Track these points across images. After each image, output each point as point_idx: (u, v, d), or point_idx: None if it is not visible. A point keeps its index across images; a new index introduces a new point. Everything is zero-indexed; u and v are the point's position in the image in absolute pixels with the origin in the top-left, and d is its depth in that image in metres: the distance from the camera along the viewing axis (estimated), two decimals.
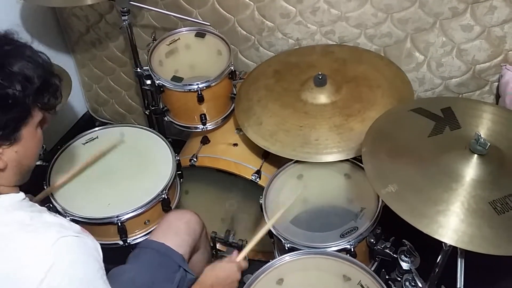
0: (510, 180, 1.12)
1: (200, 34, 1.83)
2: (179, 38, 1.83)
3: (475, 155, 1.12)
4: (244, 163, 1.68)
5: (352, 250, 1.35)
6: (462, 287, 1.12)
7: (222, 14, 1.90)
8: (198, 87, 1.66)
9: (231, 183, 1.75)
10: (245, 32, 1.92)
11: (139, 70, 1.89)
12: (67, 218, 1.47)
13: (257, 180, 1.63)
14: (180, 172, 1.69)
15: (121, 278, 1.28)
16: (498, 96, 1.76)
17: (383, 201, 1.39)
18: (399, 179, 1.15)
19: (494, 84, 1.76)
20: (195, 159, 1.72)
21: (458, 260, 1.12)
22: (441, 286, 1.30)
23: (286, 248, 1.38)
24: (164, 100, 1.80)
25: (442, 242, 1.05)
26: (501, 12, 1.59)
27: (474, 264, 1.13)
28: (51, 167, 1.61)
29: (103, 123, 2.48)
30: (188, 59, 1.86)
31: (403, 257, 1.33)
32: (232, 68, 1.73)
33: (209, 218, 1.67)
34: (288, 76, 1.70)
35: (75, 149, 1.68)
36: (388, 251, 1.38)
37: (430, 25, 1.68)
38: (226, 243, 1.80)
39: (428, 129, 1.26)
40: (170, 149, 1.65)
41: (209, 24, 1.82)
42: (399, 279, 1.37)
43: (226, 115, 1.81)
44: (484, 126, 1.26)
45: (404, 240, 1.33)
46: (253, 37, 1.93)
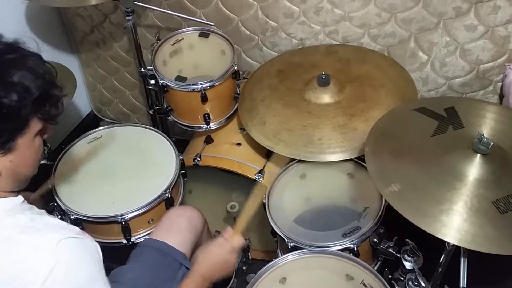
0: None
1: (204, 34, 1.84)
2: (183, 38, 1.84)
3: (478, 155, 1.12)
4: (248, 163, 1.69)
5: (355, 249, 1.36)
6: (465, 286, 1.12)
7: (226, 14, 1.90)
8: (202, 86, 1.67)
9: (235, 183, 1.75)
10: (248, 32, 1.93)
11: (143, 70, 1.89)
12: (72, 217, 1.49)
13: (260, 179, 1.63)
14: (184, 171, 1.69)
15: (123, 278, 1.28)
16: (502, 96, 1.75)
17: (386, 201, 1.39)
18: (402, 178, 1.15)
19: (498, 84, 1.75)
20: (199, 159, 1.72)
21: (461, 259, 1.12)
22: (444, 286, 1.30)
23: (289, 247, 1.38)
24: (168, 100, 1.80)
25: (445, 241, 1.05)
26: (505, 11, 1.58)
27: (477, 264, 1.13)
28: (56, 166, 1.62)
29: (107, 123, 2.49)
30: (192, 59, 1.86)
31: (406, 256, 1.33)
32: (235, 68, 1.73)
33: (212, 217, 1.68)
34: (292, 76, 1.70)
35: (79, 148, 1.69)
36: (391, 251, 1.38)
37: (434, 25, 1.68)
38: None
39: (431, 128, 1.26)
40: (173, 149, 1.66)
41: (212, 24, 1.83)
42: (402, 278, 1.36)
43: (229, 114, 1.81)
44: (487, 126, 1.25)
45: (407, 240, 1.33)
46: (257, 37, 1.93)
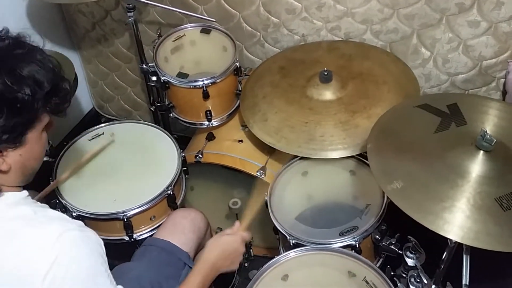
0: None
1: (206, 30, 1.83)
2: (184, 35, 1.83)
3: (481, 151, 1.12)
4: (249, 160, 1.69)
5: (357, 246, 1.35)
6: (467, 283, 1.12)
7: (228, 10, 1.89)
8: (204, 83, 1.66)
9: (236, 180, 1.75)
10: (250, 28, 1.92)
11: (144, 66, 1.89)
12: (74, 214, 1.49)
13: (262, 176, 1.63)
14: (186, 168, 1.69)
15: (127, 275, 1.28)
16: (504, 93, 1.75)
17: (388, 198, 1.39)
18: (405, 175, 1.14)
19: (500, 80, 1.75)
20: (201, 156, 1.72)
21: (464, 256, 1.12)
22: (446, 283, 1.30)
23: (291, 244, 1.38)
24: (170, 97, 1.80)
25: (448, 238, 1.05)
26: (508, 7, 1.57)
27: (479, 261, 1.12)
28: (58, 163, 1.62)
29: (109, 119, 2.49)
30: (194, 55, 1.86)
31: (408, 253, 1.33)
32: (237, 64, 1.73)
33: (214, 214, 1.68)
34: (294, 72, 1.70)
35: (81, 145, 1.69)
36: (393, 248, 1.38)
37: (436, 21, 1.67)
38: None
39: (434, 125, 1.26)
40: (175, 146, 1.66)
41: (214, 20, 1.82)
42: (404, 275, 1.36)
43: (231, 111, 1.81)
44: (490, 122, 1.25)
45: (409, 237, 1.33)
46: (259, 33, 1.93)
